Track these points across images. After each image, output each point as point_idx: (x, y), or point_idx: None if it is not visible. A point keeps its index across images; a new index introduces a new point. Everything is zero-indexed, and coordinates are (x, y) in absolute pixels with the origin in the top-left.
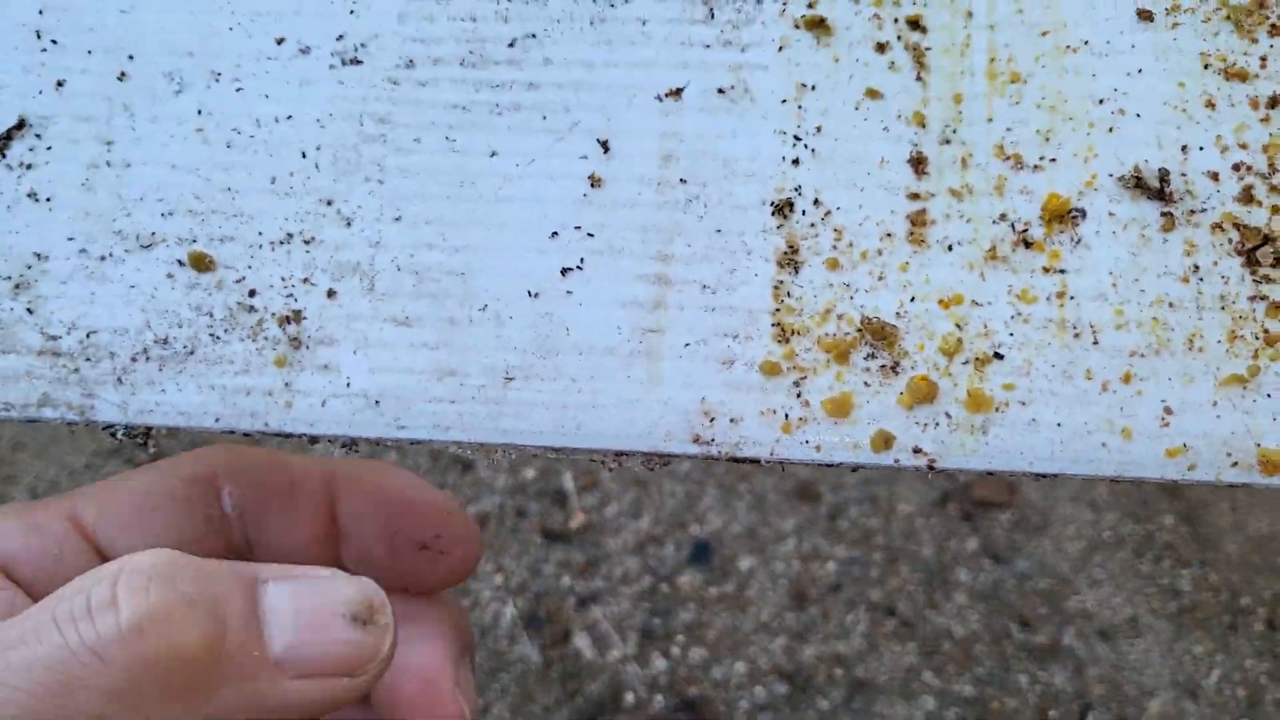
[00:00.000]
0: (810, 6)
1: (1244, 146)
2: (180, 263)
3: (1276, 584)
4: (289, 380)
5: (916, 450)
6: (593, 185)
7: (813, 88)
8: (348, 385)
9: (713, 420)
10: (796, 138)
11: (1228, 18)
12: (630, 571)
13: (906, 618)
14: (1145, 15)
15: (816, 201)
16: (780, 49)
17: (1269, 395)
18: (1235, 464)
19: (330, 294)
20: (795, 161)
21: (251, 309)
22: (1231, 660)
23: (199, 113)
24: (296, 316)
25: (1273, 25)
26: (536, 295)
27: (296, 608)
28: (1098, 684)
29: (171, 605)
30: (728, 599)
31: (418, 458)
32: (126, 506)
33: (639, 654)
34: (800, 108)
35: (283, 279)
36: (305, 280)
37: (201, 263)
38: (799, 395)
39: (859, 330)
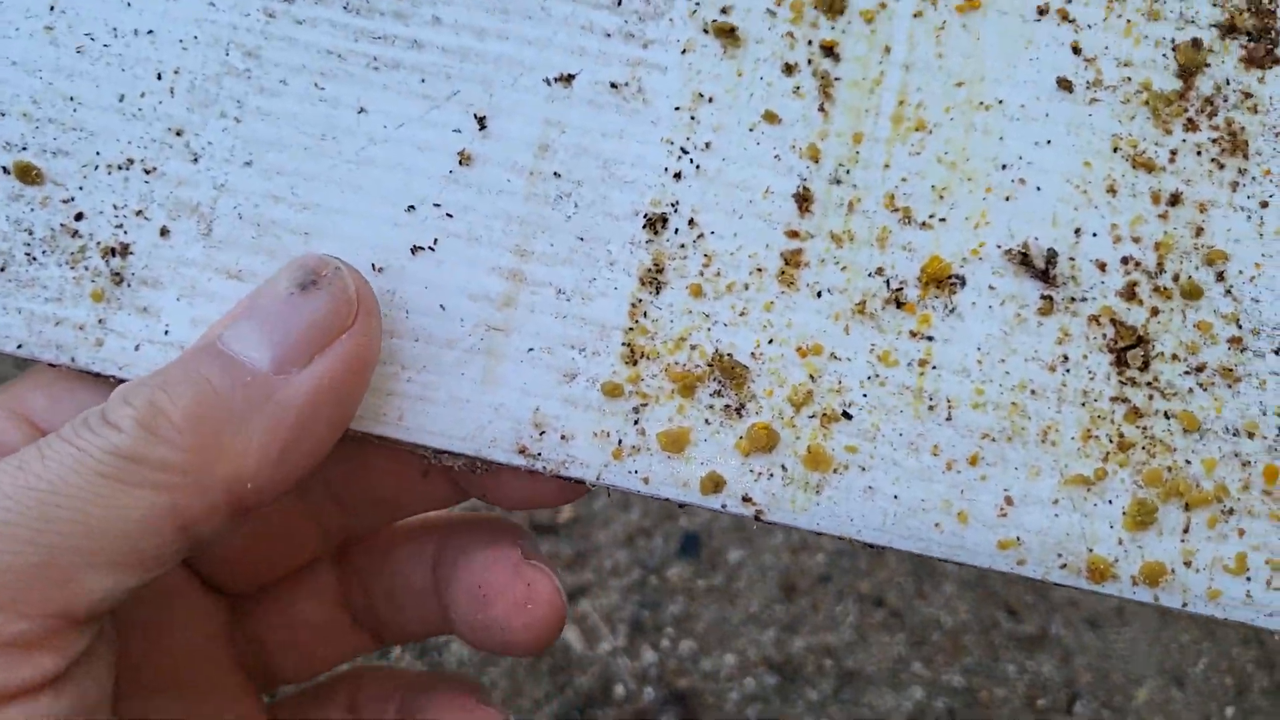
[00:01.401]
0: (724, 12)
1: (1137, 240)
2: (5, 170)
3: None
4: (104, 317)
5: (746, 499)
6: (461, 163)
7: (710, 99)
8: (165, 333)
9: (543, 434)
10: (684, 150)
11: (1146, 103)
12: (619, 564)
13: (895, 608)
14: (1065, 85)
15: (692, 222)
16: (684, 52)
17: (1110, 501)
18: (1064, 566)
19: (163, 232)
20: (678, 175)
21: (76, 234)
22: (1218, 648)
23: (51, 9)
24: (123, 250)
25: (1189, 120)
26: (381, 270)
27: (254, 323)
28: (1085, 672)
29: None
30: (717, 591)
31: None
32: (78, 391)
33: (628, 646)
34: (693, 119)
35: (115, 207)
36: (139, 213)
37: (28, 174)
38: (636, 423)
39: (710, 365)
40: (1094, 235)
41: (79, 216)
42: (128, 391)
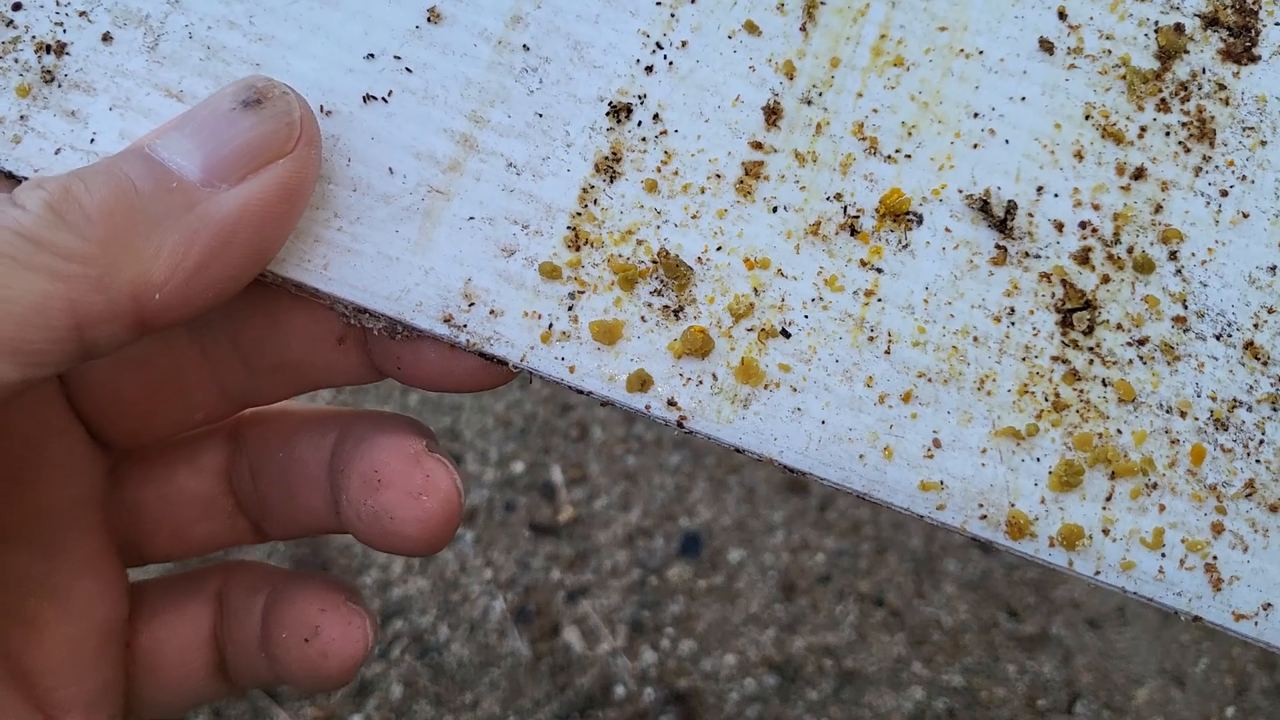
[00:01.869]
0: None
1: (1097, 207)
2: None
3: None
4: (26, 114)
5: (671, 403)
6: (430, 19)
7: (693, 0)
8: (91, 141)
9: (472, 305)
10: (659, 45)
11: (1123, 77)
12: (619, 564)
13: (895, 608)
14: (1046, 46)
15: (656, 117)
16: None
17: (1038, 459)
18: (984, 517)
19: (106, 38)
20: (649, 69)
21: (10, 23)
22: (1219, 648)
23: None
24: (59, 49)
25: (1162, 100)
26: (329, 113)
27: (188, 131)
28: (1086, 672)
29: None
30: (717, 591)
31: None
32: None
33: (628, 647)
34: (673, 16)
35: (58, 2)
36: (83, 14)
37: None
38: (570, 309)
39: (654, 262)
40: (1055, 195)
41: (16, 6)
42: (43, 179)
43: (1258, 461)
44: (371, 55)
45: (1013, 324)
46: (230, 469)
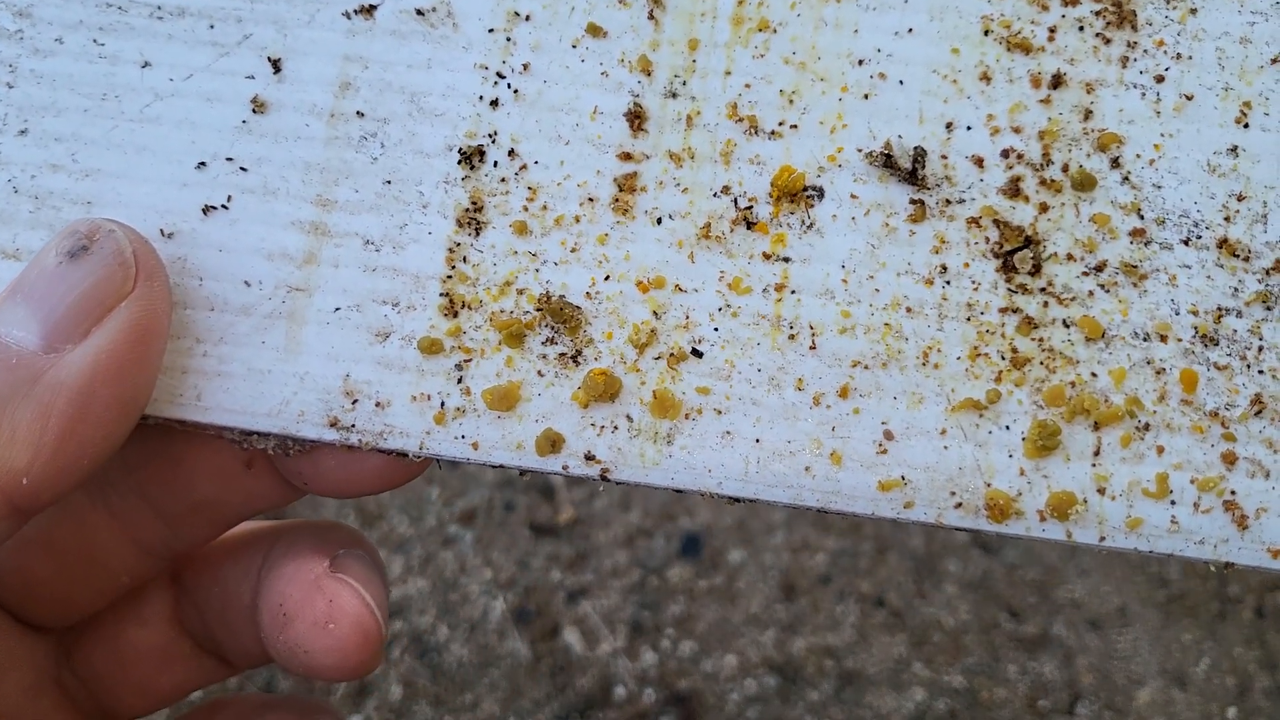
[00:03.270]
0: None
1: (1018, 130)
2: None
3: (1264, 571)
4: None
5: (589, 457)
6: (255, 110)
7: (527, 17)
8: None
9: (355, 402)
10: (500, 75)
11: None
12: (619, 565)
13: (896, 609)
14: None
15: (512, 153)
16: None
17: (1007, 427)
18: (959, 505)
19: None
20: (494, 103)
21: None
22: (1220, 648)
23: None
24: None
25: None
26: (171, 235)
27: (19, 299)
28: (1087, 673)
29: None
30: (717, 592)
31: None
32: None
33: (628, 647)
34: (509, 40)
35: None
36: None
37: None
38: (460, 381)
39: (539, 309)
40: (968, 129)
41: None
42: None
43: (1260, 372)
44: (203, 163)
45: (948, 283)
46: (178, 612)
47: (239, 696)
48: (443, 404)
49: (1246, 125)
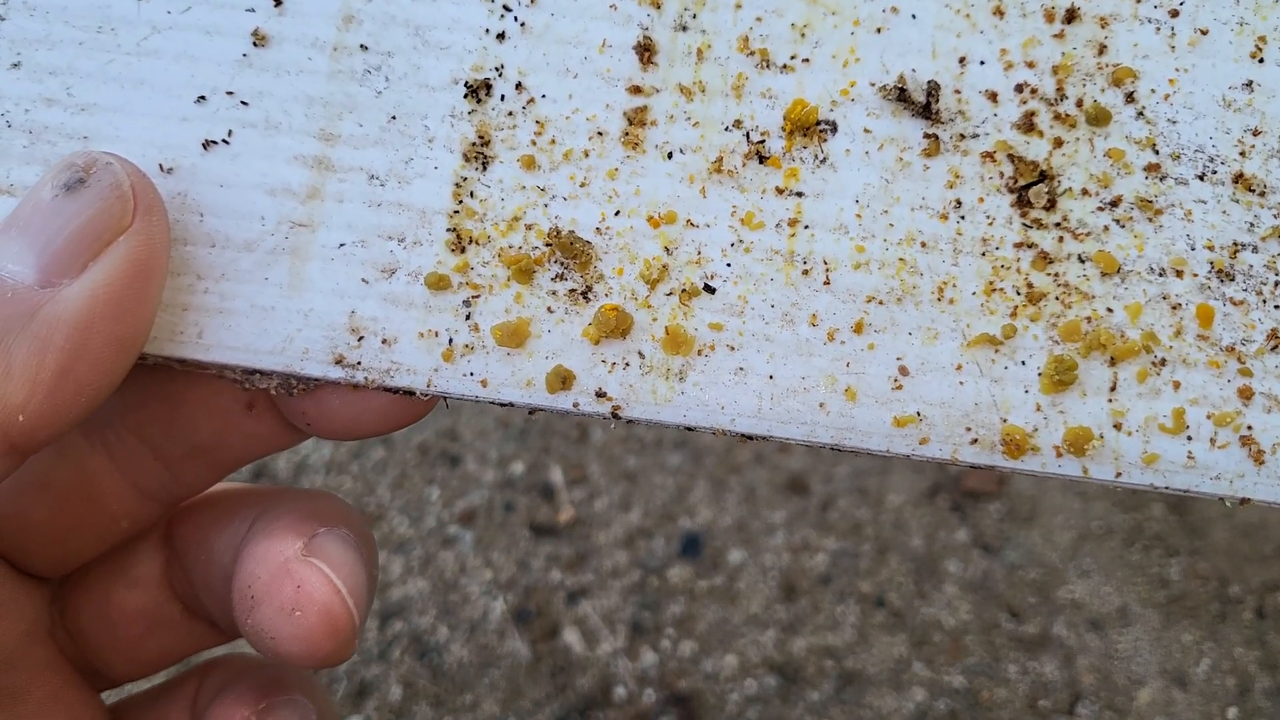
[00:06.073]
0: None
1: (1031, 65)
2: None
3: (1265, 572)
4: None
5: (600, 394)
6: (256, 44)
7: None
8: None
9: (361, 339)
10: (506, 8)
11: None
12: (619, 565)
13: (896, 609)
14: None
15: (519, 86)
16: None
17: (1023, 362)
18: (975, 441)
19: None
20: (501, 36)
21: None
22: (1221, 649)
23: None
24: None
25: None
26: (170, 171)
27: (15, 233)
28: (1087, 673)
29: None
30: (718, 592)
31: (405, 452)
32: None
33: (629, 648)
34: None
35: None
36: None
37: None
38: (468, 317)
39: (549, 245)
40: (981, 63)
41: None
42: None
43: (1277, 307)
44: (202, 98)
45: (962, 218)
46: (169, 575)
47: (232, 659)
48: (451, 341)
49: (1262, 60)
